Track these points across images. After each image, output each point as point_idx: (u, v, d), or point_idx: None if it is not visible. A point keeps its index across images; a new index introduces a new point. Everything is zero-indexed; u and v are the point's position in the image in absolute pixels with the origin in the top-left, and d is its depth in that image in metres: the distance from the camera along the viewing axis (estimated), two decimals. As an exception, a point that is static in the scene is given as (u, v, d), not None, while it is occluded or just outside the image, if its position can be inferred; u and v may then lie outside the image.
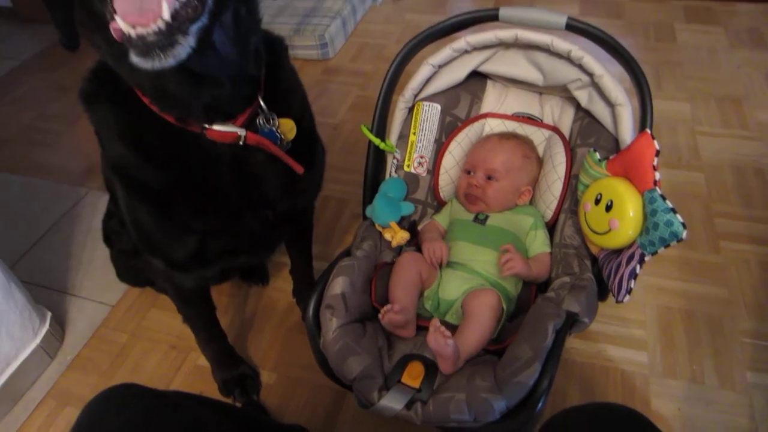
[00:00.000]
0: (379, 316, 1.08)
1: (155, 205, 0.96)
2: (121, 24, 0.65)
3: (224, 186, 0.95)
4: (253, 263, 1.61)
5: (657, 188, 0.93)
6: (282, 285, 1.67)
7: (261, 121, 0.93)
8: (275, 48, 1.00)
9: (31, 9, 3.22)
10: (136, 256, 1.44)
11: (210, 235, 1.01)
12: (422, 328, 1.12)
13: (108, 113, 0.89)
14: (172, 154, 0.90)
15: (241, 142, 0.90)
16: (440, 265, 1.22)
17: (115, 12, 0.65)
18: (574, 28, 1.15)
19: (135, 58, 0.66)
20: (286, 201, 1.05)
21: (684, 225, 0.88)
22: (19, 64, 2.97)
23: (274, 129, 0.94)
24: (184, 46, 0.67)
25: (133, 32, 0.64)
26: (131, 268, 1.56)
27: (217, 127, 0.87)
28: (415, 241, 1.33)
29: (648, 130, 0.99)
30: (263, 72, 0.93)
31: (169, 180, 0.93)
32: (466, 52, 1.30)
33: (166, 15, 0.65)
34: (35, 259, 1.84)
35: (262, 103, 0.93)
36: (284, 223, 1.11)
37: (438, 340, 0.97)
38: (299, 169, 1.00)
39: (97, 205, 2.00)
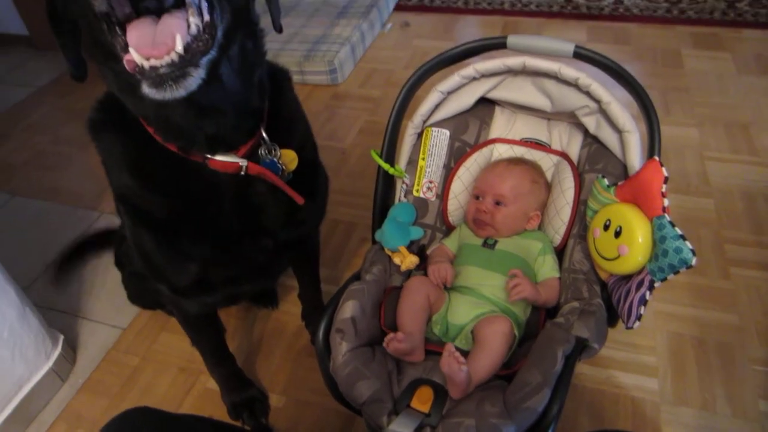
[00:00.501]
0: (384, 344, 1.08)
1: (158, 232, 0.97)
2: (134, 56, 0.67)
3: (225, 215, 0.97)
4: (256, 290, 1.62)
5: (666, 215, 0.93)
6: (291, 308, 1.68)
7: (263, 151, 0.95)
8: (278, 79, 1.02)
9: (47, 37, 3.24)
10: (147, 279, 1.46)
11: (211, 262, 1.02)
12: (431, 353, 1.12)
13: (114, 143, 0.91)
14: (174, 184, 0.92)
15: (242, 173, 0.92)
16: (447, 289, 1.23)
17: (127, 45, 0.68)
18: (581, 56, 1.16)
19: (147, 89, 0.69)
20: (286, 230, 1.06)
21: (693, 252, 0.88)
22: (35, 91, 3.02)
23: (275, 160, 0.96)
24: (195, 78, 0.70)
25: (146, 64, 0.67)
26: (142, 291, 1.57)
27: (219, 158, 0.89)
28: (424, 266, 1.34)
29: (656, 158, 1.00)
30: (266, 103, 0.96)
31: (171, 208, 0.94)
32: (474, 78, 1.32)
33: (179, 48, 0.68)
34: (48, 283, 1.86)
35: (264, 134, 0.95)
36: (286, 251, 1.12)
37: (452, 366, 0.97)
38: (299, 200, 1.02)
39: (108, 228, 2.01)
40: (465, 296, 1.19)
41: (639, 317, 0.95)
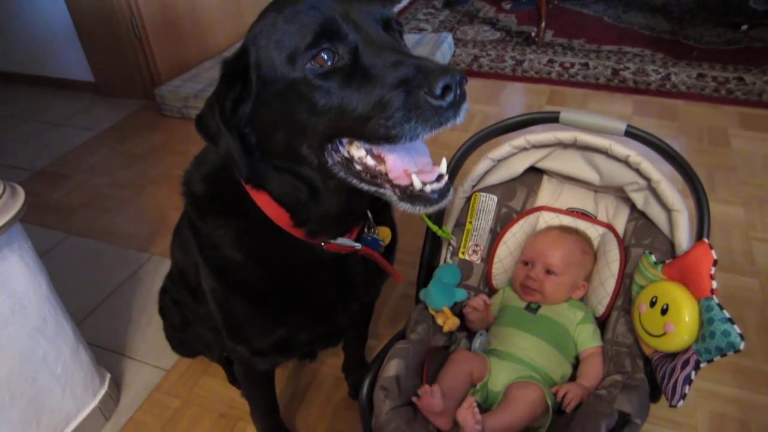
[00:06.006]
0: (414, 399, 1.08)
1: (254, 302, 1.03)
2: (415, 181, 0.79)
3: (323, 286, 1.03)
4: (326, 348, 1.66)
5: (714, 297, 0.95)
6: (329, 360, 1.70)
7: (365, 230, 1.02)
8: None
9: (110, 84, 3.50)
10: (184, 331, 1.53)
11: (300, 329, 1.08)
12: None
13: (226, 226, 0.97)
14: (284, 261, 0.98)
15: (351, 253, 0.99)
16: (487, 353, 1.24)
17: (390, 179, 0.80)
18: (633, 135, 1.20)
19: (407, 205, 0.80)
20: (369, 293, 1.13)
21: (742, 336, 0.89)
22: (96, 135, 3.18)
23: (376, 237, 1.03)
24: (451, 195, 0.82)
25: (428, 188, 0.79)
26: (180, 342, 1.63)
27: (339, 242, 0.96)
28: (465, 327, 1.36)
29: (706, 240, 1.02)
30: None
31: (274, 282, 1.00)
32: (524, 149, 1.37)
33: (444, 170, 0.81)
34: (97, 321, 1.93)
35: (370, 216, 1.02)
36: (363, 312, 1.17)
37: (467, 419, 1.00)
38: (398, 278, 1.11)
39: (158, 270, 2.09)
40: (504, 361, 1.21)
41: (683, 396, 0.95)
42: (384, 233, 1.06)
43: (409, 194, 0.79)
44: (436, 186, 0.79)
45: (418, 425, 1.06)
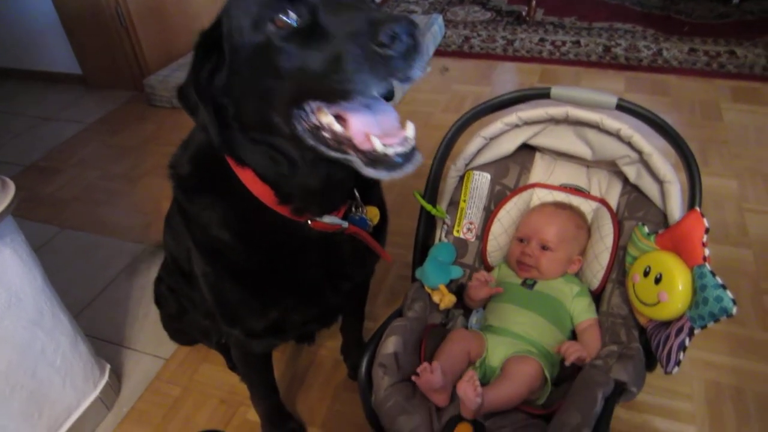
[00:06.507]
0: (413, 378, 1.09)
1: (245, 284, 1.03)
2: (376, 144, 0.76)
3: (312, 265, 1.03)
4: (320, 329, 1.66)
5: (706, 264, 0.96)
6: (327, 342, 1.71)
7: (353, 209, 1.02)
8: None
9: (99, 76, 3.48)
10: (181, 319, 1.53)
11: (292, 308, 1.08)
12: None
13: (213, 205, 0.97)
14: (272, 240, 0.98)
15: (338, 231, 0.98)
16: (484, 330, 1.25)
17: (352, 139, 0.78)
18: (624, 108, 1.20)
19: (372, 170, 0.78)
20: (360, 272, 1.12)
21: (734, 301, 0.90)
22: (85, 127, 3.15)
23: (364, 217, 1.03)
24: (418, 158, 0.79)
25: (391, 151, 0.77)
26: (178, 331, 1.63)
27: (326, 219, 0.95)
28: (462, 304, 1.37)
29: (697, 208, 1.02)
30: None
31: (263, 262, 1.00)
32: (516, 126, 1.37)
33: (411, 134, 0.79)
34: (95, 313, 1.93)
35: (357, 195, 1.02)
36: (354, 292, 1.18)
37: (467, 392, 1.01)
38: (388, 258, 1.10)
39: (153, 261, 2.08)
40: (501, 337, 1.22)
41: (678, 363, 0.96)
42: (372, 213, 1.05)
43: (372, 159, 0.77)
44: (400, 149, 0.77)
45: (417, 401, 1.07)
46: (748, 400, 1.44)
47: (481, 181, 1.42)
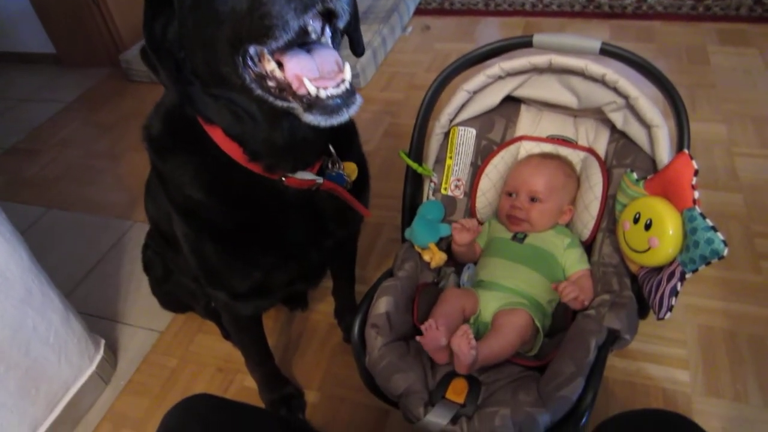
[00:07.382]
0: (418, 338, 1.09)
1: (226, 244, 1.01)
2: (308, 86, 0.73)
3: (292, 223, 1.01)
4: (307, 289, 1.66)
5: (696, 207, 0.95)
6: (321, 307, 1.71)
7: (329, 165, 0.99)
8: None
9: (73, 55, 3.39)
10: (167, 281, 1.53)
11: (274, 268, 1.06)
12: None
13: (185, 163, 0.95)
14: (247, 198, 0.96)
15: (314, 188, 0.96)
16: (475, 286, 1.25)
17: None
18: (608, 52, 1.18)
19: (310, 116, 0.75)
20: (342, 230, 1.10)
21: (725, 242, 0.89)
22: (64, 107, 3.09)
23: (341, 173, 1.01)
24: (357, 104, 0.76)
25: (323, 93, 0.73)
26: (166, 294, 1.63)
27: (299, 176, 0.93)
28: (453, 262, 1.36)
29: (686, 150, 1.01)
30: None
31: (241, 221, 0.99)
32: (500, 78, 1.34)
33: (348, 76, 0.75)
34: (87, 290, 1.92)
35: (332, 150, 0.99)
36: (338, 250, 1.16)
37: (462, 346, 1.01)
38: (367, 214, 1.08)
39: (141, 236, 2.04)
40: (492, 291, 1.21)
41: (670, 308, 0.96)
42: (350, 168, 1.03)
43: (309, 104, 0.74)
44: (333, 91, 0.73)
45: (411, 359, 1.07)
46: (741, 343, 1.46)
47: (467, 136, 1.40)
